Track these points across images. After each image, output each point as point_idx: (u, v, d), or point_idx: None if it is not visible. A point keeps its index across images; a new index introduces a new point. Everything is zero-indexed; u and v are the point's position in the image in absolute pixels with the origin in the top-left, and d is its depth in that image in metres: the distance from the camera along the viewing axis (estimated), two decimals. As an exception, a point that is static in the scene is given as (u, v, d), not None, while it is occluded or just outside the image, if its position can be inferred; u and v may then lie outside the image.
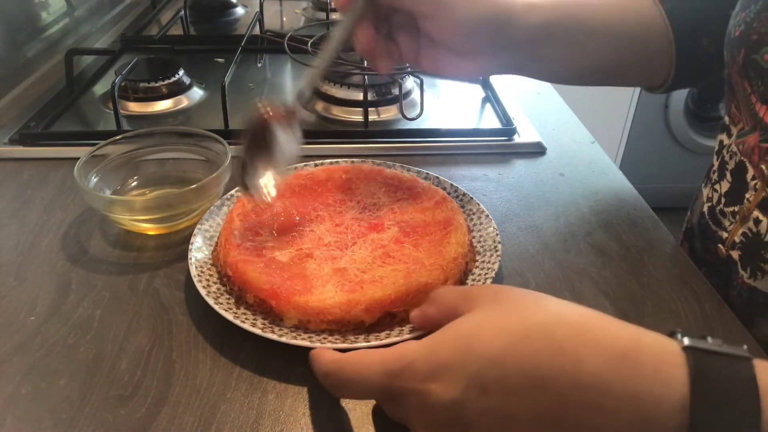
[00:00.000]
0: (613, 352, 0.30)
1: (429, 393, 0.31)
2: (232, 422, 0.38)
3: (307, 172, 0.57)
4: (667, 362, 0.29)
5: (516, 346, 0.30)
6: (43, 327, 0.45)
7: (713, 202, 0.55)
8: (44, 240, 0.55)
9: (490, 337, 0.31)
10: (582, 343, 0.30)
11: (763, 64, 0.46)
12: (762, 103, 0.47)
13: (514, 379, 0.30)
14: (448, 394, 0.30)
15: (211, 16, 1.17)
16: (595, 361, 0.29)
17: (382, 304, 0.43)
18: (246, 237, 0.49)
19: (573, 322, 0.31)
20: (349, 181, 0.56)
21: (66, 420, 0.38)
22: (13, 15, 0.86)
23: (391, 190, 0.55)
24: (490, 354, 0.30)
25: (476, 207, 0.55)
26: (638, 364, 0.29)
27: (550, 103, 0.85)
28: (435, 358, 0.31)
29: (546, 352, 0.30)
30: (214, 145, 0.59)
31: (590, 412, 0.29)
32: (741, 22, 0.49)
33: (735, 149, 0.51)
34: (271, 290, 0.44)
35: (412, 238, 0.49)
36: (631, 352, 0.30)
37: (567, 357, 0.29)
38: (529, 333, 0.30)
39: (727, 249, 0.52)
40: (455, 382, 0.30)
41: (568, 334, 0.30)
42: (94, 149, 0.57)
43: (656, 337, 0.31)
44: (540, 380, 0.29)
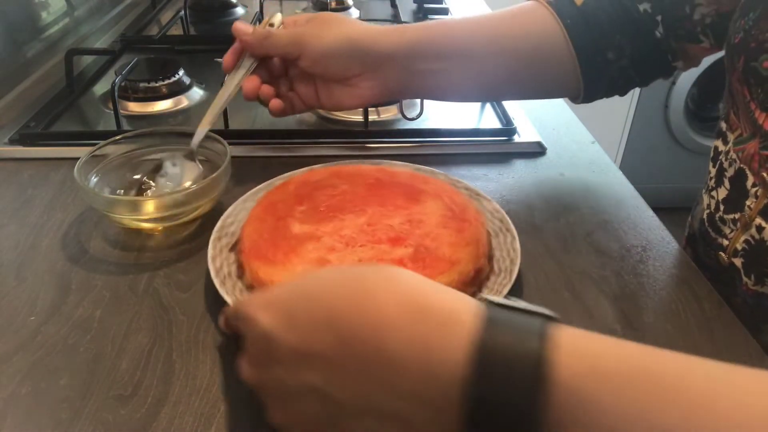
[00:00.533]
0: (409, 297, 0.29)
1: (253, 319, 0.33)
2: (232, 422, 0.38)
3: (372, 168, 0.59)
4: (459, 310, 0.29)
5: (328, 285, 0.31)
6: (43, 327, 0.45)
7: (711, 209, 0.55)
8: (44, 240, 0.55)
9: (315, 277, 0.33)
10: (384, 286, 0.30)
11: (762, 72, 0.46)
12: (762, 111, 0.47)
13: (315, 313, 0.30)
14: (264, 322, 0.32)
15: (211, 16, 1.17)
16: (387, 300, 0.29)
17: None
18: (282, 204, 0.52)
19: (386, 273, 0.31)
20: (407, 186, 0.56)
21: (66, 420, 0.38)
22: (13, 15, 0.86)
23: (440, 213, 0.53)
24: (306, 289, 0.32)
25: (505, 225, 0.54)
26: (428, 310, 0.29)
27: (550, 103, 0.85)
28: (272, 291, 0.34)
29: (347, 290, 0.30)
30: (214, 145, 0.59)
31: (371, 350, 0.28)
32: (740, 29, 0.48)
33: (734, 156, 0.51)
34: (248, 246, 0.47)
35: (418, 265, 0.47)
36: (425, 300, 0.29)
37: (362, 295, 0.30)
38: (346, 276, 0.32)
39: (729, 256, 0.52)
40: (274, 313, 0.32)
41: (375, 278, 0.31)
42: (94, 149, 0.57)
43: (459, 293, 0.30)
44: (332, 313, 0.30)
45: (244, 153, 0.67)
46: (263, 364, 0.33)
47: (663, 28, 0.57)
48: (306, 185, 0.55)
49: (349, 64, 0.57)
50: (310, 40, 0.56)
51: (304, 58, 0.57)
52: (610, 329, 0.46)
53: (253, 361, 0.34)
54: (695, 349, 0.44)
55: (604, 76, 0.60)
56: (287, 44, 0.57)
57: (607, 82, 0.60)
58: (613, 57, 0.58)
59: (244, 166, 0.64)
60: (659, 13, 0.56)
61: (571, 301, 0.49)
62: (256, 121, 0.76)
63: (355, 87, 0.59)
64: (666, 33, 0.57)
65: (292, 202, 0.53)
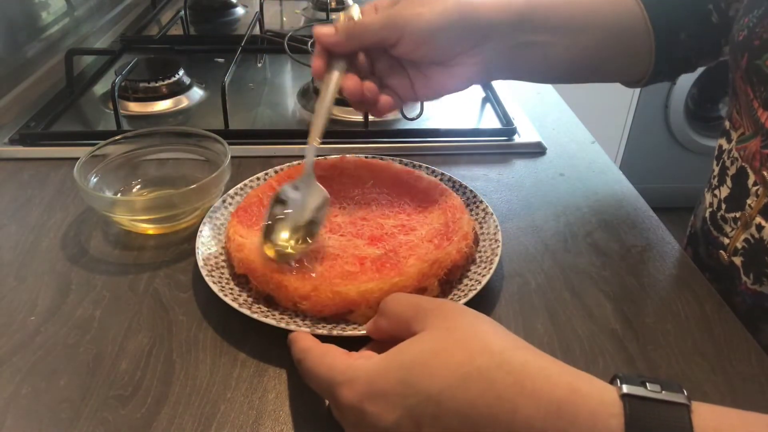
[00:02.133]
0: (550, 402, 0.29)
1: (365, 413, 0.32)
2: (232, 422, 0.38)
3: (335, 161, 0.59)
4: (603, 413, 0.29)
5: (455, 389, 0.31)
6: (43, 327, 0.45)
7: (714, 207, 0.55)
8: (44, 240, 0.55)
9: (430, 375, 0.31)
10: (520, 391, 0.30)
11: (765, 70, 0.46)
12: (764, 109, 0.47)
13: (449, 420, 0.30)
14: (384, 419, 0.31)
15: (211, 16, 1.17)
16: (530, 412, 0.29)
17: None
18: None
19: (514, 369, 0.31)
20: (422, 194, 0.56)
21: (66, 420, 0.38)
22: (13, 15, 0.86)
23: (404, 192, 0.56)
24: (429, 391, 0.31)
25: (482, 207, 0.56)
26: (574, 416, 0.29)
27: (550, 103, 0.85)
28: (376, 382, 0.32)
29: (483, 398, 0.30)
30: (214, 145, 0.59)
31: None
32: (744, 26, 0.48)
33: (736, 155, 0.51)
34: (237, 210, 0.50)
35: (375, 266, 0.47)
36: (567, 403, 0.29)
37: (503, 405, 0.30)
38: (470, 376, 0.31)
39: (730, 255, 0.52)
40: (392, 411, 0.31)
41: (507, 381, 0.30)
42: (94, 149, 0.57)
43: (594, 385, 0.31)
44: (473, 426, 0.30)
45: (244, 153, 0.67)
46: None
47: (716, 14, 0.57)
48: (334, 168, 0.58)
49: (456, 41, 0.51)
50: (410, 20, 0.49)
51: (404, 42, 0.49)
52: (610, 329, 0.46)
53: None
54: (695, 349, 0.45)
55: (673, 57, 0.59)
56: (383, 28, 0.49)
57: (674, 63, 0.59)
58: (684, 37, 0.57)
59: (244, 166, 0.64)
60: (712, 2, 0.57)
61: (571, 301, 0.49)
62: (256, 121, 0.76)
63: (457, 66, 0.52)
64: (720, 18, 0.57)
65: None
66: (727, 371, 0.43)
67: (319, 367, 0.35)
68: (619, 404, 0.29)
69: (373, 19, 0.49)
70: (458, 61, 0.52)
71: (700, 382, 0.42)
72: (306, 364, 0.36)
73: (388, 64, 0.52)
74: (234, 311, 0.44)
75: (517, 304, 0.49)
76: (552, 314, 0.48)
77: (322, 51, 0.51)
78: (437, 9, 0.49)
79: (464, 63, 0.52)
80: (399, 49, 0.50)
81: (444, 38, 0.50)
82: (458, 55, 0.51)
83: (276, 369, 0.42)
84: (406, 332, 0.35)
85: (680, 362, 0.44)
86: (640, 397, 0.29)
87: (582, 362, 0.43)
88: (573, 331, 0.46)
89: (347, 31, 0.49)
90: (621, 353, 0.44)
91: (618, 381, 0.30)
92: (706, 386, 0.42)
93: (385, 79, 0.53)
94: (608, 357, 0.44)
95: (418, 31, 0.49)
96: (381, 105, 0.52)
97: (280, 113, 0.79)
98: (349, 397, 0.32)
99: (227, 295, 0.45)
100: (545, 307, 0.48)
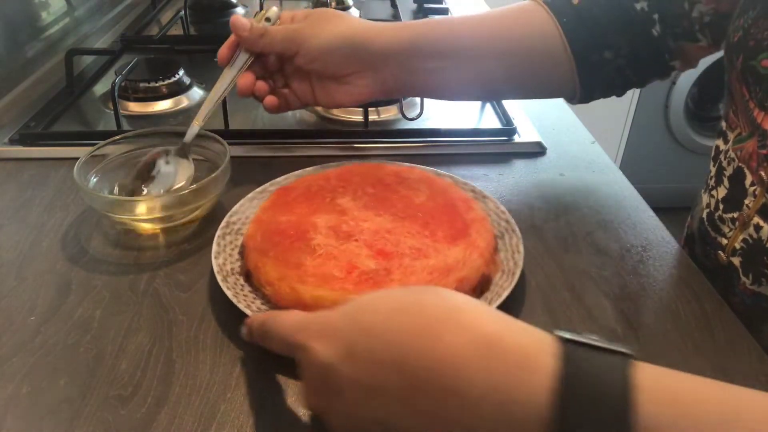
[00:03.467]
0: (479, 334, 0.29)
1: (311, 350, 0.32)
2: (232, 422, 0.38)
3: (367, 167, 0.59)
4: (536, 351, 0.28)
5: (388, 321, 0.31)
6: (43, 327, 0.45)
7: (711, 208, 0.55)
8: (44, 240, 0.55)
9: (372, 310, 0.32)
10: (447, 320, 0.29)
11: (760, 70, 0.46)
12: (760, 109, 0.47)
13: (379, 352, 0.30)
14: (323, 354, 0.31)
15: (211, 16, 1.17)
16: (456, 339, 0.28)
17: None
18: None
19: (449, 303, 0.31)
20: (392, 185, 0.56)
21: (66, 420, 0.38)
22: (13, 15, 0.86)
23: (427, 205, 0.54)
24: (366, 324, 0.31)
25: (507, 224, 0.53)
26: (503, 350, 0.28)
27: (550, 103, 0.85)
28: (326, 321, 0.33)
29: (411, 327, 0.30)
30: (214, 145, 0.59)
31: (446, 393, 0.28)
32: (739, 27, 0.48)
33: (733, 155, 0.51)
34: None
35: (362, 278, 0.46)
36: (498, 338, 0.29)
37: (427, 333, 0.29)
38: (404, 308, 0.31)
39: (728, 255, 0.52)
40: (333, 345, 0.31)
41: (437, 313, 0.30)
42: (94, 149, 0.57)
43: (531, 328, 0.30)
44: (399, 356, 0.29)
45: (244, 153, 0.67)
46: (324, 394, 0.32)
47: (660, 26, 0.56)
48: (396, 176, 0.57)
49: (346, 62, 0.57)
50: (307, 38, 0.56)
51: (301, 56, 0.57)
52: (610, 329, 0.46)
53: (313, 391, 0.33)
54: (695, 349, 0.45)
55: (601, 76, 0.60)
56: (283, 41, 0.57)
57: (604, 81, 0.60)
58: (609, 56, 0.58)
59: (244, 166, 0.64)
60: (656, 11, 0.56)
61: (571, 301, 0.49)
62: (256, 121, 0.76)
63: (351, 85, 0.58)
64: (663, 31, 0.57)
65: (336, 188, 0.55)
66: (727, 371, 0.43)
67: (281, 321, 0.35)
68: (556, 344, 0.28)
69: (278, 31, 0.57)
70: (350, 80, 0.58)
71: (700, 382, 0.42)
72: (268, 324, 0.36)
73: (295, 68, 0.59)
74: (234, 311, 0.44)
75: (518, 304, 0.49)
76: (552, 314, 0.48)
77: (234, 42, 0.59)
78: (331, 33, 0.56)
79: (357, 82, 0.58)
80: (297, 60, 0.57)
81: (333, 59, 0.57)
82: (349, 75, 0.58)
83: (276, 369, 0.42)
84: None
85: (680, 362, 0.44)
86: (578, 342, 0.28)
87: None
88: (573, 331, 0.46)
89: (256, 35, 0.57)
90: (621, 353, 0.44)
91: (556, 331, 0.29)
92: (706, 386, 0.42)
93: (291, 81, 0.60)
94: (608, 357, 0.44)
95: (311, 49, 0.56)
96: (266, 103, 0.60)
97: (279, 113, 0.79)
98: (303, 337, 0.33)
99: (240, 302, 0.45)
100: (545, 307, 0.48)
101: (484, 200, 0.56)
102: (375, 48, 0.57)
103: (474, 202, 0.54)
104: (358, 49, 0.57)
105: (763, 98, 0.46)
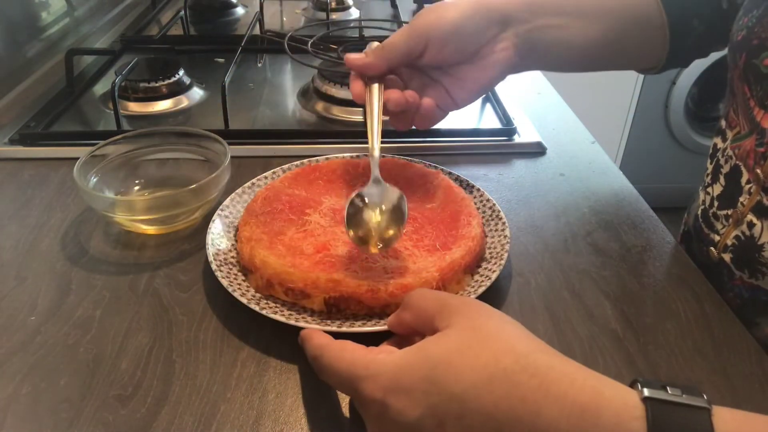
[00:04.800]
0: (573, 405, 0.29)
1: (388, 407, 0.32)
2: (232, 422, 0.38)
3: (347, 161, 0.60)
4: (626, 415, 0.29)
5: (479, 389, 0.31)
6: (43, 327, 0.45)
7: (706, 205, 0.55)
8: (44, 240, 0.55)
9: (455, 373, 0.31)
10: (544, 395, 0.30)
11: (762, 69, 0.46)
12: (760, 108, 0.47)
13: (472, 420, 0.30)
14: (407, 415, 0.31)
15: (211, 16, 1.17)
16: (554, 414, 0.29)
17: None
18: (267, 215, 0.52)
19: (539, 372, 0.31)
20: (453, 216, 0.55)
21: (66, 420, 0.38)
22: (13, 15, 0.86)
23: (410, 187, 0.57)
24: (453, 390, 0.31)
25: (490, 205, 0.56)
26: (597, 419, 0.29)
27: (550, 103, 0.85)
28: (400, 378, 0.32)
29: (507, 399, 0.30)
30: (214, 145, 0.59)
31: None
32: (743, 26, 0.49)
33: (730, 153, 0.52)
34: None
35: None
36: (591, 406, 0.29)
37: (527, 407, 0.30)
38: (494, 377, 0.31)
39: (719, 252, 0.52)
40: (415, 407, 0.31)
41: (532, 384, 0.30)
42: (94, 149, 0.57)
43: (618, 389, 0.31)
44: (497, 426, 0.30)
45: (244, 153, 0.67)
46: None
47: (727, 1, 0.57)
48: (397, 171, 0.59)
49: (479, 31, 0.53)
50: (432, 23, 0.52)
51: (431, 47, 0.52)
52: (610, 329, 0.46)
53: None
54: (695, 349, 0.45)
55: (686, 44, 0.59)
56: (408, 40, 0.52)
57: (688, 50, 0.60)
58: (696, 24, 0.58)
59: (244, 166, 0.64)
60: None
61: (571, 301, 0.49)
62: (256, 121, 0.76)
63: (486, 58, 0.54)
64: (729, 6, 0.57)
65: (361, 176, 0.58)
66: (727, 371, 0.43)
67: (339, 362, 0.35)
68: (641, 407, 0.29)
69: (397, 34, 0.53)
70: (486, 53, 0.53)
71: (700, 382, 0.42)
72: (324, 360, 0.36)
73: (421, 82, 0.55)
74: (234, 311, 0.44)
75: (517, 304, 0.49)
76: (552, 314, 0.48)
77: (357, 75, 0.54)
78: (454, 9, 0.52)
79: (492, 52, 0.53)
80: (427, 56, 0.52)
81: (466, 32, 0.52)
82: (483, 46, 0.53)
83: (276, 369, 0.42)
84: (429, 328, 0.35)
85: (680, 362, 0.44)
86: (662, 401, 0.29)
87: (582, 362, 0.43)
88: (573, 331, 0.46)
89: (376, 51, 0.53)
90: (621, 353, 0.44)
91: (639, 385, 0.30)
92: (706, 386, 0.42)
93: (423, 93, 0.54)
94: (608, 357, 0.44)
95: (441, 32, 0.51)
96: (424, 108, 0.53)
97: (280, 113, 0.79)
98: (372, 392, 0.32)
99: (236, 290, 0.45)
100: (545, 307, 0.48)
101: (470, 190, 0.58)
102: (499, 10, 0.53)
103: (474, 218, 0.53)
104: (485, 14, 0.53)
105: (764, 97, 0.47)
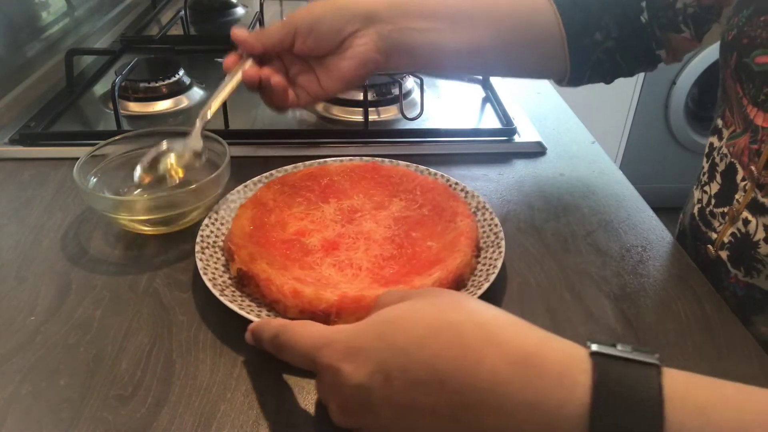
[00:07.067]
0: (517, 354, 0.30)
1: (340, 371, 0.32)
2: (232, 422, 0.38)
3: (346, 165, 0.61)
4: (572, 368, 0.29)
5: (424, 339, 0.31)
6: (43, 327, 0.45)
7: (703, 203, 0.55)
8: (44, 240, 0.55)
9: (404, 328, 0.32)
10: (488, 342, 0.30)
11: (754, 67, 0.47)
12: (753, 105, 0.48)
13: (417, 371, 0.30)
14: (356, 376, 0.31)
15: (211, 16, 1.17)
16: (496, 362, 0.29)
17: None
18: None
19: (484, 322, 0.31)
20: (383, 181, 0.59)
21: (66, 420, 0.38)
22: (13, 15, 0.86)
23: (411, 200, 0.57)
24: (400, 344, 0.31)
25: (480, 204, 0.56)
26: (541, 369, 0.29)
27: (550, 103, 0.85)
28: (354, 340, 0.33)
29: (450, 348, 0.30)
30: (214, 145, 0.59)
31: (488, 412, 0.29)
32: (733, 26, 0.49)
33: (726, 151, 0.52)
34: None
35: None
36: (535, 356, 0.30)
37: (469, 355, 0.30)
38: (440, 328, 0.31)
39: (716, 249, 0.52)
40: (364, 366, 0.31)
41: (476, 333, 0.31)
42: (94, 149, 0.57)
43: (565, 343, 0.31)
44: (439, 375, 0.30)
45: (244, 153, 0.67)
46: (357, 413, 0.32)
47: (648, 13, 0.57)
48: (372, 171, 0.60)
49: (339, 24, 0.56)
50: (301, 16, 0.57)
51: (298, 36, 0.56)
52: (610, 329, 0.46)
53: (344, 410, 0.33)
54: (695, 349, 0.45)
55: (591, 58, 0.60)
56: (280, 29, 0.57)
57: (593, 64, 0.60)
58: (600, 38, 0.58)
59: (244, 166, 0.64)
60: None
61: (571, 301, 0.49)
62: (256, 121, 0.76)
63: (348, 49, 0.57)
64: (650, 19, 0.58)
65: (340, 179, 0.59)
66: (727, 371, 0.43)
67: (298, 336, 0.35)
68: (589, 361, 0.29)
69: (275, 24, 0.58)
70: (347, 45, 0.57)
71: (700, 382, 0.42)
72: (284, 337, 0.36)
73: (300, 68, 0.59)
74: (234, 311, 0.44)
75: (517, 304, 0.49)
76: (552, 314, 0.48)
77: (238, 54, 0.58)
78: (323, 5, 0.57)
79: (352, 46, 0.57)
80: (297, 45, 0.57)
81: (325, 25, 0.56)
82: (345, 39, 0.57)
83: (276, 369, 0.42)
84: None
85: (680, 362, 0.44)
86: (610, 356, 0.29)
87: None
88: (573, 331, 0.46)
89: (255, 33, 0.58)
90: (621, 353, 0.44)
91: (588, 343, 0.30)
92: (706, 386, 0.42)
93: (297, 79, 0.60)
94: (608, 357, 0.44)
95: (305, 24, 0.56)
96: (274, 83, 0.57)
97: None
98: (329, 358, 0.33)
99: (226, 296, 0.45)
100: (545, 307, 0.48)
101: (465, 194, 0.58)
102: (362, 8, 0.57)
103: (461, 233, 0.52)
104: (346, 10, 0.56)
105: (756, 94, 0.47)
